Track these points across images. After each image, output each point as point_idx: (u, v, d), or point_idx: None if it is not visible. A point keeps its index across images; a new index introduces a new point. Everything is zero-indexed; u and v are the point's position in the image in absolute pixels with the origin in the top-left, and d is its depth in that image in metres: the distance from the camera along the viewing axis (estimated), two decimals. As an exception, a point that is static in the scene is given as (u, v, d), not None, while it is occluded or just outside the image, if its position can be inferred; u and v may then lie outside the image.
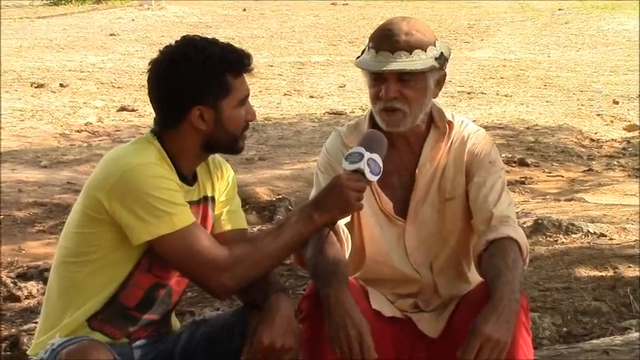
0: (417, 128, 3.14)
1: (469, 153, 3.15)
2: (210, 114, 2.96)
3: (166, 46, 3.00)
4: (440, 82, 3.12)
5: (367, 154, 2.94)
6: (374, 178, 2.96)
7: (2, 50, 15.67)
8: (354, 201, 2.96)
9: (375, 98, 3.07)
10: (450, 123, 3.17)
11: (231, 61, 2.96)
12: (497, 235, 3.01)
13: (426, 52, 3.04)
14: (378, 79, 3.06)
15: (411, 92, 3.05)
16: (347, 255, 3.06)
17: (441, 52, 3.08)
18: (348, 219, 3.10)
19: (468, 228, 3.17)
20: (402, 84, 3.04)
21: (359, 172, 2.94)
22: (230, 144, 3.02)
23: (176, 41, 3.01)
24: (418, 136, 3.16)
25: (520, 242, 3.01)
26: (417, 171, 3.15)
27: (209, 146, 3.01)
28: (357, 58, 3.13)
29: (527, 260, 3.06)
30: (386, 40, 3.05)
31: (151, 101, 3.02)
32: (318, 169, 3.20)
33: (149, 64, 3.00)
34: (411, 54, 3.02)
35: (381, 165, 2.96)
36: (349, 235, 3.10)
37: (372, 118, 3.16)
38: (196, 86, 2.93)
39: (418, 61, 3.03)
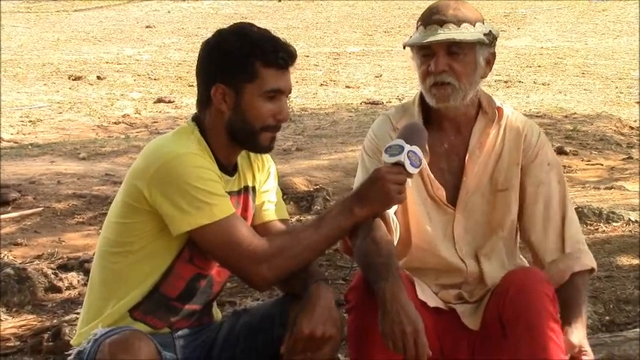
0: (466, 111, 3.12)
1: (526, 149, 3.14)
2: (231, 96, 2.95)
3: (220, 28, 3.04)
4: (490, 62, 3.11)
5: (407, 147, 2.92)
6: (414, 171, 2.94)
7: (40, 43, 15.79)
8: (395, 194, 2.94)
9: (425, 75, 3.06)
10: (500, 109, 3.15)
11: (264, 49, 2.94)
12: (582, 266, 3.13)
13: (474, 26, 3.05)
14: (426, 55, 3.05)
15: (460, 66, 3.03)
16: (395, 244, 3.04)
17: (490, 30, 3.08)
18: (397, 207, 3.07)
19: (515, 220, 3.17)
20: (451, 57, 3.03)
21: (399, 165, 2.92)
22: (249, 137, 2.97)
23: (231, 25, 3.03)
24: (466, 120, 3.14)
25: (594, 267, 3.18)
26: (466, 157, 3.14)
27: (232, 135, 2.99)
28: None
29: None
30: (434, 14, 3.05)
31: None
32: (365, 152, 3.17)
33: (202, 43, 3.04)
34: (459, 27, 3.02)
35: (422, 157, 2.94)
36: (398, 225, 3.08)
37: (421, 100, 3.14)
38: (221, 63, 2.94)
39: (467, 32, 3.02)
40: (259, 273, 2.93)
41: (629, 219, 5.93)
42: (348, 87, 12.61)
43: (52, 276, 5.18)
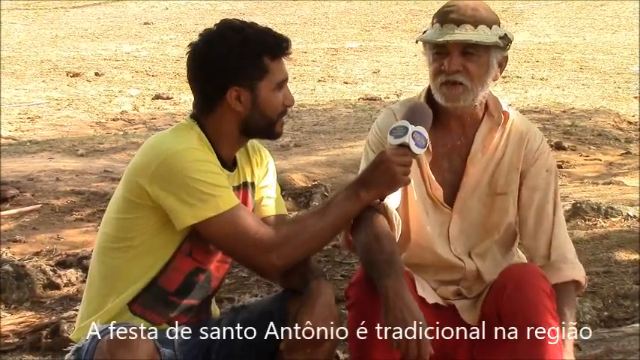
0: (473, 112, 3.12)
1: (527, 154, 3.15)
2: (247, 96, 2.97)
3: (205, 29, 3.01)
4: (502, 65, 3.11)
5: (412, 127, 2.91)
6: (420, 151, 2.93)
7: (38, 40, 15.79)
8: (401, 176, 2.93)
9: (437, 72, 3.06)
10: (505, 113, 3.15)
11: (269, 44, 2.97)
12: (561, 278, 3.11)
13: (491, 29, 3.04)
14: (440, 52, 3.05)
15: (474, 67, 3.03)
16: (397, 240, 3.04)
17: (505, 34, 3.07)
18: (399, 203, 3.07)
19: (513, 223, 3.17)
20: (465, 58, 3.03)
21: (404, 146, 2.91)
22: (266, 128, 3.02)
23: (215, 24, 3.01)
24: (473, 120, 3.14)
25: (582, 281, 3.15)
26: (468, 159, 3.14)
27: (246, 130, 3.01)
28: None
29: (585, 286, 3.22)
30: (452, 13, 3.04)
31: (189, 83, 3.03)
32: (369, 147, 3.16)
33: (188, 46, 3.01)
34: (476, 28, 3.02)
35: (427, 137, 2.93)
36: (400, 221, 3.07)
37: (427, 96, 3.13)
38: (232, 66, 2.94)
39: (484, 35, 3.02)
40: (269, 261, 2.94)
41: (628, 214, 5.92)
42: (346, 83, 12.60)
43: (51, 273, 5.18)
